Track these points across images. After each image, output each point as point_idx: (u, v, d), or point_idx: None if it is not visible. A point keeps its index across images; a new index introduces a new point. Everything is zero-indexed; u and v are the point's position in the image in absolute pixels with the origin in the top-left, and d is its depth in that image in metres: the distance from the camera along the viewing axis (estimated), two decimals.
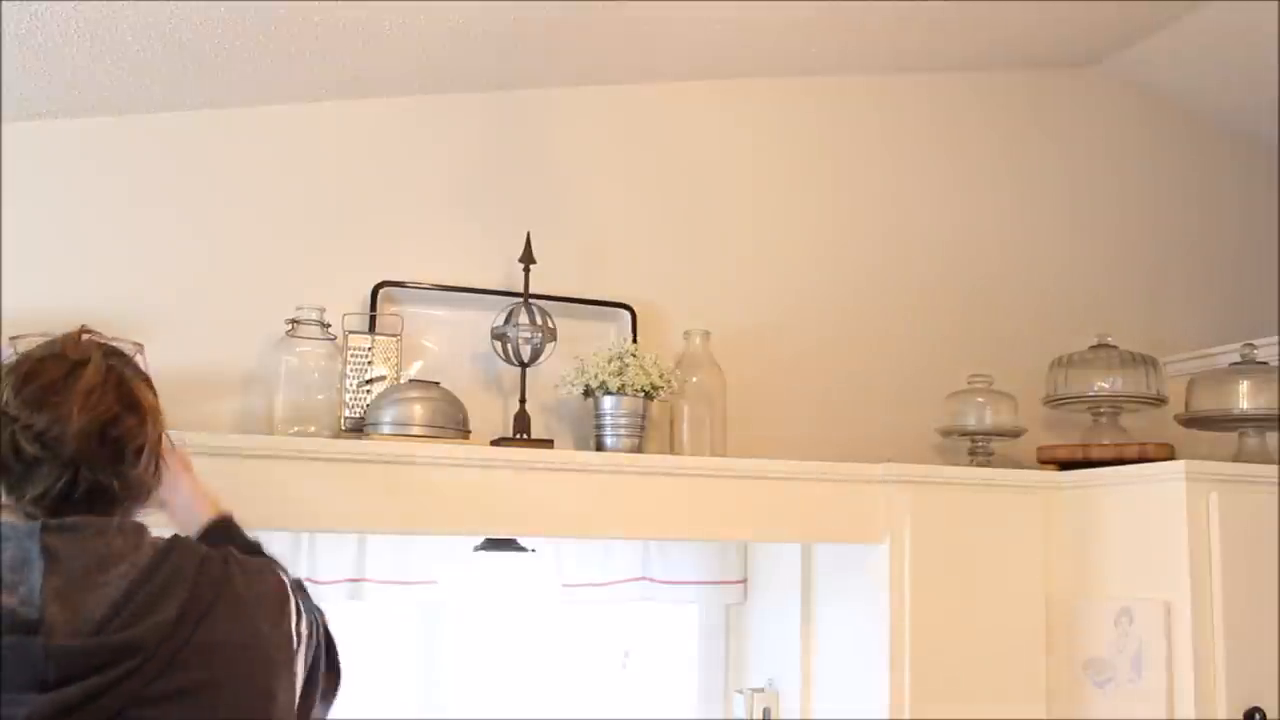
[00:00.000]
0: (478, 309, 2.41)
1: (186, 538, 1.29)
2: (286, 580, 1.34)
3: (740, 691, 2.61)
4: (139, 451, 1.23)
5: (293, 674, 1.27)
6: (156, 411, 1.28)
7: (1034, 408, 2.72)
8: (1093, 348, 2.63)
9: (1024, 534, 2.38)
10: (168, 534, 1.30)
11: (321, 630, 1.39)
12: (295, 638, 1.29)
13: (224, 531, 1.44)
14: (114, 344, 1.33)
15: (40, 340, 1.30)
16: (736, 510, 2.20)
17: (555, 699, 2.56)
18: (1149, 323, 3.05)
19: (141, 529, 1.24)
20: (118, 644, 1.10)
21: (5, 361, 1.32)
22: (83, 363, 1.23)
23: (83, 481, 1.20)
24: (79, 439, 1.18)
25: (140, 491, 1.27)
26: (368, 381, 2.25)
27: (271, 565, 1.36)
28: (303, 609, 1.33)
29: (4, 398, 1.19)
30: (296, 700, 1.28)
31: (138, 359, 1.36)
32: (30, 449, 1.18)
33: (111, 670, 1.09)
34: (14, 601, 1.10)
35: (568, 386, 2.34)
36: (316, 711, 1.36)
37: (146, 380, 1.32)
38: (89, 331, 1.32)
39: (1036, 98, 3.11)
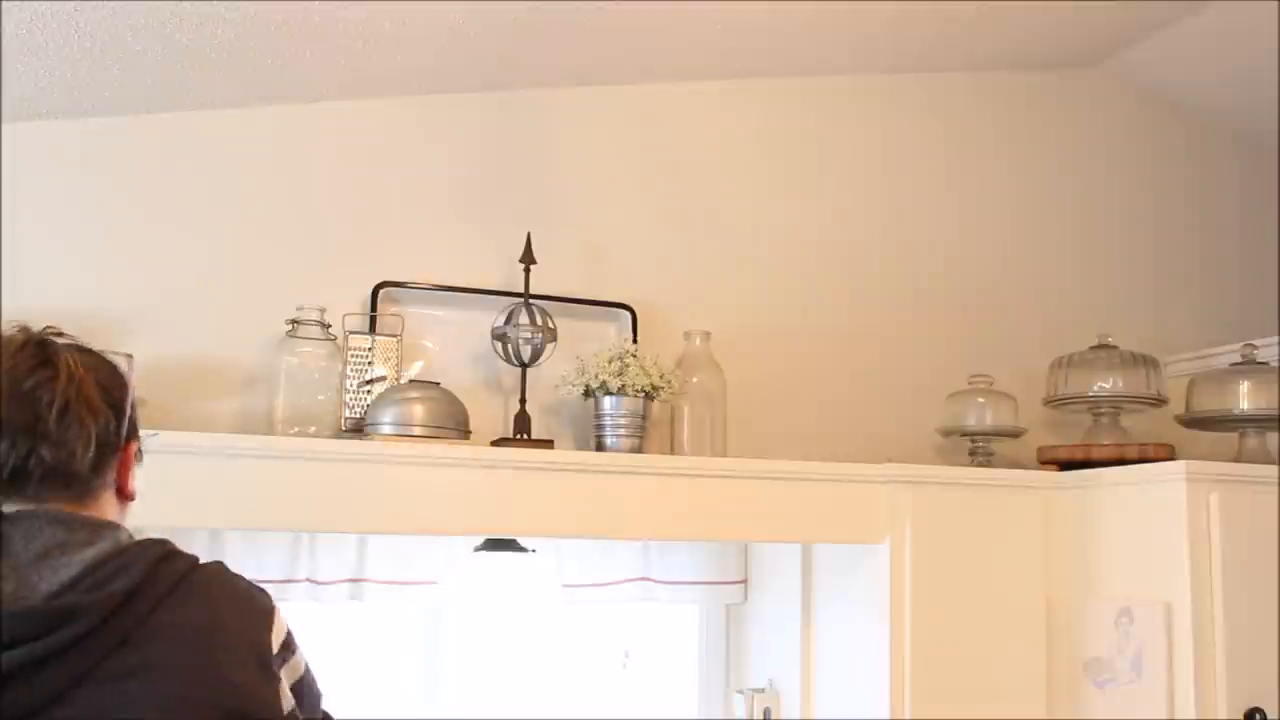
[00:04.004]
0: (478, 309, 2.41)
1: (159, 539, 1.24)
2: (278, 608, 1.27)
3: (740, 691, 2.61)
4: (62, 412, 1.18)
5: (269, 672, 1.20)
6: (79, 373, 1.22)
7: (1034, 408, 2.72)
8: (1093, 348, 2.63)
9: (1024, 534, 2.38)
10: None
11: (312, 679, 1.31)
12: (277, 646, 1.23)
13: None
14: (104, 355, 1.31)
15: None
16: (736, 510, 2.20)
17: (555, 699, 2.56)
18: (1149, 323, 3.05)
19: (106, 524, 1.21)
20: (60, 607, 1.09)
21: None
22: (11, 339, 1.21)
23: (35, 463, 1.18)
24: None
25: (94, 477, 1.23)
26: (368, 382, 2.25)
27: (263, 589, 1.30)
28: (293, 640, 1.27)
29: None
30: (283, 704, 1.22)
31: (124, 368, 1.33)
32: None
33: (54, 636, 1.08)
34: None
35: (568, 386, 2.34)
36: None
37: (100, 371, 1.27)
38: (60, 333, 1.30)
39: (1036, 99, 3.11)
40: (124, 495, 1.29)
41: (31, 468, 1.18)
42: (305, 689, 1.29)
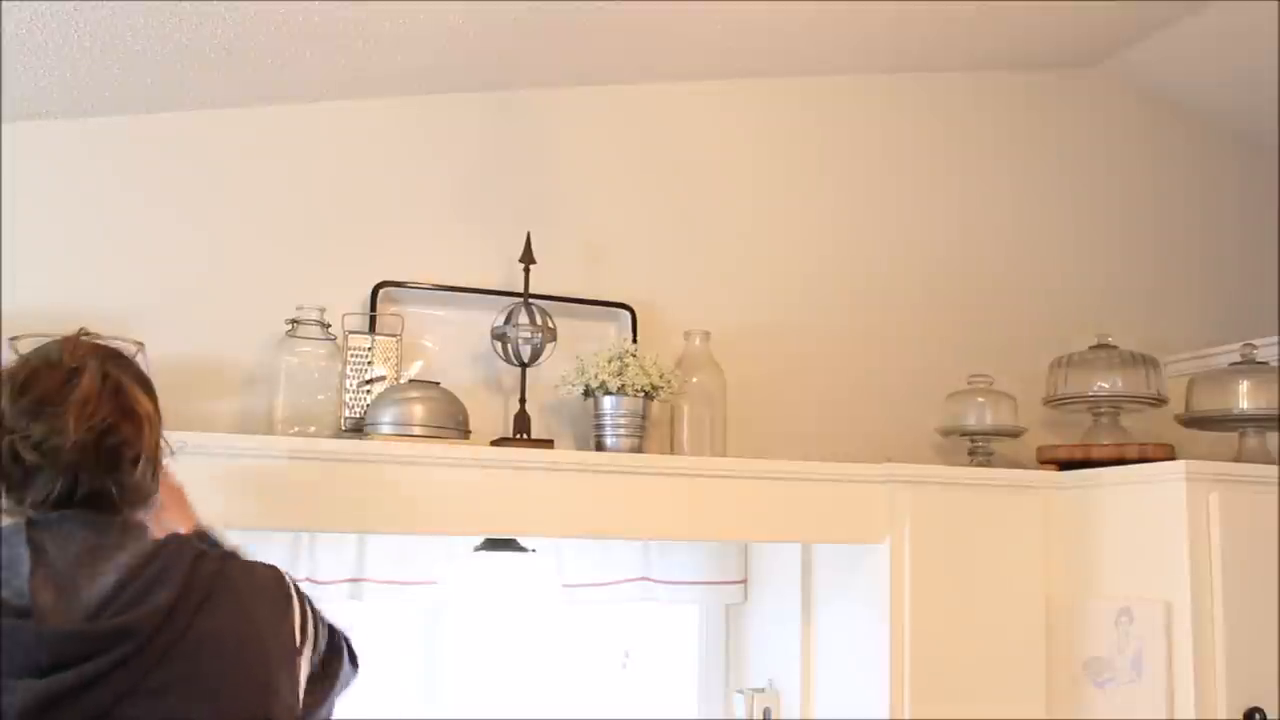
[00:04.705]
0: (478, 309, 2.41)
1: (184, 535, 1.28)
2: (289, 579, 1.33)
3: (740, 691, 2.61)
4: (135, 460, 1.23)
5: (295, 670, 1.26)
6: (154, 417, 1.28)
7: (1034, 408, 2.72)
8: (1093, 348, 2.63)
9: (1024, 534, 2.38)
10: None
11: (327, 629, 1.39)
12: (299, 635, 1.28)
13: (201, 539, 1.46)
14: (113, 344, 1.32)
15: (40, 341, 1.29)
16: (736, 510, 2.20)
17: (555, 699, 2.56)
18: (1149, 323, 3.05)
19: (136, 526, 1.24)
20: (111, 629, 1.11)
21: (4, 363, 1.30)
22: (79, 370, 1.23)
23: (81, 486, 1.21)
24: (76, 450, 1.19)
25: (139, 496, 1.27)
26: (368, 382, 2.25)
27: (273, 566, 1.35)
28: (308, 609, 1.33)
29: (1, 407, 1.20)
30: (300, 697, 1.27)
31: (138, 359, 1.35)
32: (29, 457, 1.19)
33: (105, 656, 1.09)
34: (9, 594, 1.12)
35: (568, 386, 2.34)
36: (323, 711, 1.35)
37: (145, 384, 1.32)
38: (88, 334, 1.31)
39: (1036, 98, 3.11)
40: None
41: (87, 495, 1.22)
42: (330, 649, 1.36)
